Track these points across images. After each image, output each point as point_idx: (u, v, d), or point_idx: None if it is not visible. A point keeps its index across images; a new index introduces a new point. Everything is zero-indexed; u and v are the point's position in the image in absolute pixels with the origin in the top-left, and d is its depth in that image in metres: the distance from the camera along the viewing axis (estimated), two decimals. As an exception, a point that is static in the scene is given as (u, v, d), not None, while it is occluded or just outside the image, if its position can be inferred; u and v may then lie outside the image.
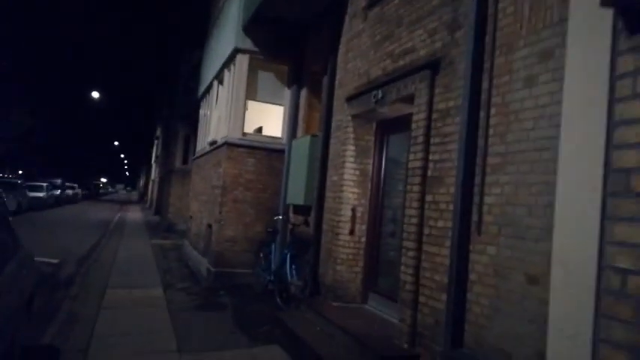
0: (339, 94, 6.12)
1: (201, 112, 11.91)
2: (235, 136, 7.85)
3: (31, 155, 39.54)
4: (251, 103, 8.21)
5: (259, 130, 8.40)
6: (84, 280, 8.13)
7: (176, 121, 19.90)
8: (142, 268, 9.43)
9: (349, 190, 5.62)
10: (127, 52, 52.20)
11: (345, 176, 5.64)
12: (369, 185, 5.67)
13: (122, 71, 54.03)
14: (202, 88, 11.94)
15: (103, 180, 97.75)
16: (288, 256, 6.44)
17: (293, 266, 6.38)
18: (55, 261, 9.71)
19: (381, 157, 5.67)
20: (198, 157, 11.34)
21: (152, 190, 33.47)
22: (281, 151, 7.92)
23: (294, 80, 7.86)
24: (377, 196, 5.63)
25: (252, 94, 8.18)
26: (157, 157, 33.07)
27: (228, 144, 7.77)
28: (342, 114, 5.96)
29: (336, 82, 6.28)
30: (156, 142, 35.49)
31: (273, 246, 7.10)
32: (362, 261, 5.57)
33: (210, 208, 8.67)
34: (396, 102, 4.85)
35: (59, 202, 30.23)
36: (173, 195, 18.43)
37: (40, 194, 25.67)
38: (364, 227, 5.60)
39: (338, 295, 5.49)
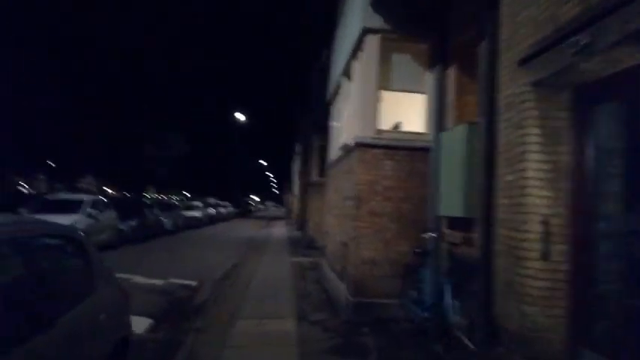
0: (507, 59, 4.35)
1: (332, 116, 10.84)
2: (368, 135, 6.47)
3: (189, 178, 43.36)
4: (385, 95, 6.77)
5: (396, 126, 6.91)
6: (216, 306, 7.43)
7: (311, 133, 19.42)
8: (277, 292, 8.52)
9: (536, 194, 3.80)
10: (263, 69, 54.98)
11: (528, 174, 3.84)
12: (569, 185, 3.78)
13: (261, 90, 57.09)
14: (330, 91, 10.89)
15: (255, 198, 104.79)
16: (447, 286, 4.79)
17: (454, 300, 4.71)
18: (193, 283, 9.36)
19: (584, 141, 3.75)
20: (330, 167, 10.25)
21: (295, 205, 33.99)
22: (426, 150, 6.32)
23: (438, 59, 6.22)
24: (582, 202, 3.71)
25: (385, 82, 6.74)
26: (298, 172, 33.61)
27: (359, 145, 6.42)
28: (513, 86, 4.18)
29: (500, 44, 4.50)
30: (296, 157, 36.19)
31: (424, 272, 5.49)
32: (565, 299, 3.69)
33: (344, 223, 7.40)
34: (617, 46, 2.98)
35: (213, 220, 32.24)
36: (311, 209, 17.81)
37: (197, 214, 27.49)
38: (565, 248, 3.72)
39: (532, 350, 3.69)
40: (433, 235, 5.35)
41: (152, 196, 49.14)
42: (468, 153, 5.00)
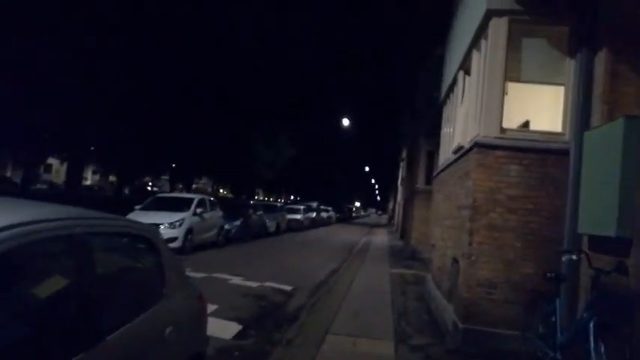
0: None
1: (444, 117, 9.87)
2: (490, 135, 5.50)
3: (295, 182, 44.19)
4: (512, 88, 5.76)
5: (525, 124, 5.87)
6: (309, 316, 6.93)
7: (418, 138, 18.40)
8: (374, 306, 7.80)
9: None
10: (372, 70, 54.39)
11: None
12: None
13: (369, 93, 56.50)
14: (444, 89, 9.93)
15: (357, 204, 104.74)
16: (592, 324, 3.72)
17: (601, 343, 3.63)
18: (288, 288, 8.99)
19: None
20: (440, 172, 9.30)
21: (398, 213, 32.92)
22: (562, 153, 5.22)
23: (583, 42, 5.09)
24: None
25: (513, 73, 5.74)
26: (402, 179, 32.56)
27: (479, 145, 5.48)
28: None
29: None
30: (401, 164, 35.15)
31: (557, 302, 4.41)
32: None
33: (455, 237, 6.47)
34: None
35: (314, 224, 32.33)
36: (416, 218, 16.76)
37: (298, 216, 27.70)
38: None
39: None
40: (573, 257, 4.26)
41: (260, 198, 51.17)
42: (626, 154, 3.89)
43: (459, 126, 7.52)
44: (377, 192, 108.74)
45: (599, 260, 4.22)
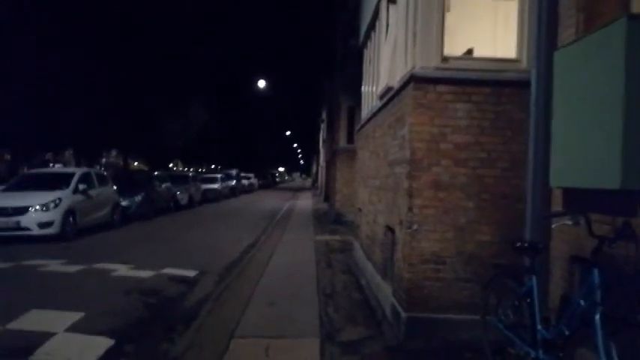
0: None
1: (365, 60, 8.51)
2: (429, 65, 4.17)
3: (209, 148, 41.63)
4: (453, 6, 4.43)
5: (469, 53, 4.60)
6: (210, 313, 5.44)
7: (338, 94, 17.08)
8: (296, 288, 6.46)
9: None
10: (284, 32, 52.10)
11: None
12: None
13: (283, 56, 54.31)
14: (364, 29, 8.54)
15: (281, 169, 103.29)
16: (598, 316, 2.55)
17: (612, 343, 2.49)
18: (192, 274, 7.40)
19: None
20: (364, 125, 8.00)
21: (321, 175, 31.98)
22: (521, 85, 4.02)
23: None
24: None
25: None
26: (323, 140, 31.47)
27: (416, 80, 4.14)
28: None
29: None
30: (322, 125, 33.98)
31: (533, 281, 3.24)
32: None
33: (388, 200, 5.20)
34: None
35: (234, 192, 30.46)
36: (339, 180, 15.63)
37: (215, 186, 25.71)
38: None
39: None
40: (568, 222, 3.05)
41: (180, 169, 47.91)
42: (631, 69, 2.70)
43: (385, 66, 6.14)
44: (300, 156, 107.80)
45: (598, 226, 3.06)
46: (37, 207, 9.65)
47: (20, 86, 18.15)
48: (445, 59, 4.21)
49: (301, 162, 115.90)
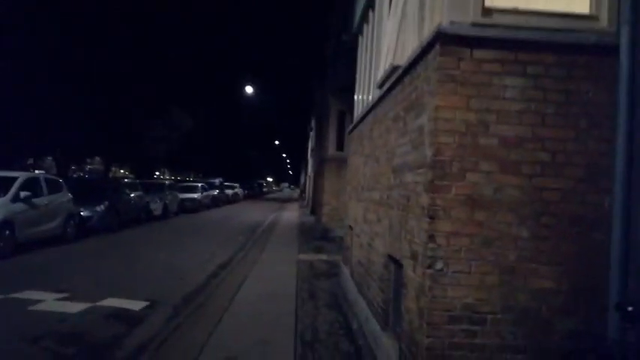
0: None
1: (361, 50, 7.12)
2: (465, 21, 2.75)
3: (195, 156, 39.97)
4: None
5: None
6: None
7: (327, 98, 15.69)
8: (266, 335, 4.90)
9: None
10: (273, 37, 50.86)
11: None
12: None
13: (272, 63, 53.01)
14: (359, 13, 7.16)
15: (269, 179, 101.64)
16: None
17: None
18: (138, 307, 5.85)
19: None
20: (356, 125, 6.58)
21: (308, 186, 30.55)
22: (601, 51, 2.63)
23: None
24: None
25: None
26: (311, 149, 30.09)
27: (443, 40, 2.70)
28: None
29: None
30: (310, 133, 32.61)
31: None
32: None
33: (392, 221, 3.73)
34: None
35: (216, 202, 28.79)
36: (327, 191, 14.19)
37: (194, 195, 24.03)
38: None
39: None
40: None
41: (167, 178, 46.06)
42: None
43: (389, 44, 4.72)
44: (289, 166, 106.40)
45: None
46: (-39, 218, 8.03)
47: None
48: (487, 11, 2.80)
49: (290, 172, 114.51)
